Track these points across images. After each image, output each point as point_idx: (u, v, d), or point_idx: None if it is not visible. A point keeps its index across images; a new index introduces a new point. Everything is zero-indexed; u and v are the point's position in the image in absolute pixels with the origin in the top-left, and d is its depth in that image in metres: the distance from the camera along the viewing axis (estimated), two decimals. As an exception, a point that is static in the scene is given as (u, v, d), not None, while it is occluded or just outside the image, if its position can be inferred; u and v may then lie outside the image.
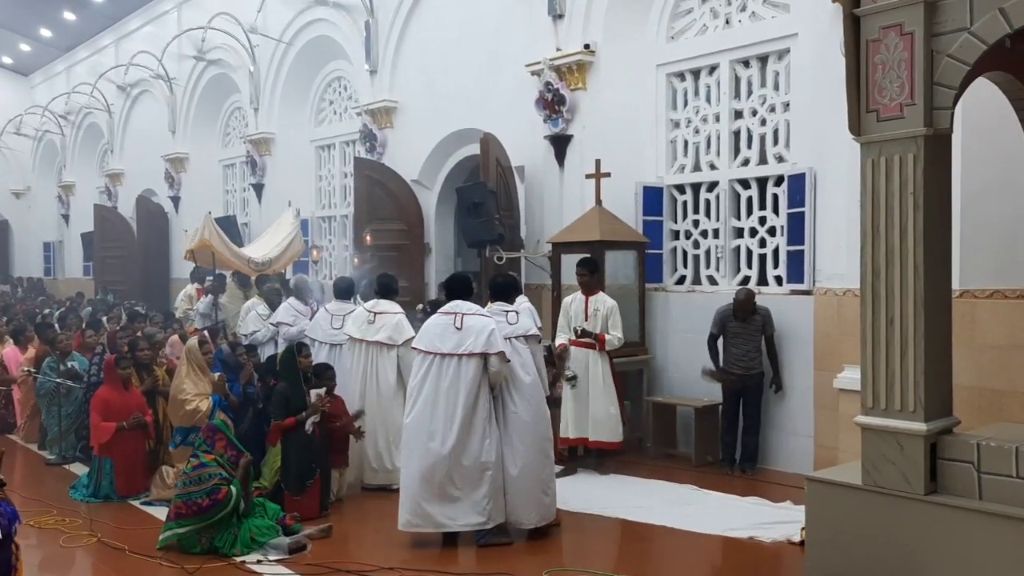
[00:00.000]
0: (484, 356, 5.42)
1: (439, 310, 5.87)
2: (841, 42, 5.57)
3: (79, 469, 7.56)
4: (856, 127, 4.32)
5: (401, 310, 7.09)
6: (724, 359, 7.45)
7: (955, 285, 4.70)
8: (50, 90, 21.67)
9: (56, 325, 10.45)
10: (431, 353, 5.52)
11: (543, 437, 5.62)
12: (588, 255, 7.62)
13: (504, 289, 5.94)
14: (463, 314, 5.56)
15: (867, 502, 4.30)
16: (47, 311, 14.12)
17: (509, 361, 5.52)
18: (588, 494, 6.62)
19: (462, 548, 5.48)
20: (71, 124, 21.10)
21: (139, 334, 8.25)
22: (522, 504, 5.52)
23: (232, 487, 5.32)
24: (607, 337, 7.09)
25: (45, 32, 20.05)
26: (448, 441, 5.38)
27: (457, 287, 5.84)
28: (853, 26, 4.28)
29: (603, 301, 7.26)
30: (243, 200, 15.69)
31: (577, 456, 7.38)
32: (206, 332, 8.58)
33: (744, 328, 7.31)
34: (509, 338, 5.58)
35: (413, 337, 6.15)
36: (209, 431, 5.64)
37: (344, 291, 7.95)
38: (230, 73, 15.03)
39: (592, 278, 7.31)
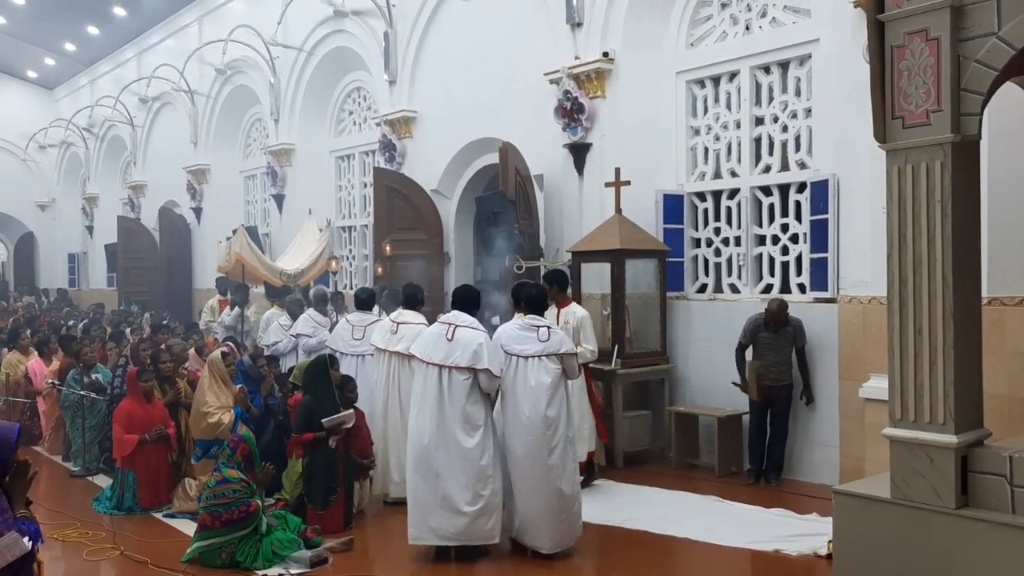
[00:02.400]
0: (473, 371, 5.38)
1: (439, 318, 5.88)
2: (864, 47, 5.53)
3: (103, 481, 7.60)
4: (881, 134, 4.26)
5: (424, 321, 7.01)
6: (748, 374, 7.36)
7: (983, 292, 4.60)
8: (74, 103, 21.96)
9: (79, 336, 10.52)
10: (425, 362, 5.53)
11: (551, 465, 5.36)
12: (557, 268, 7.46)
13: (538, 301, 5.70)
14: (456, 326, 5.54)
15: (896, 516, 4.22)
16: (71, 322, 14.25)
17: (499, 376, 5.42)
18: (610, 505, 6.56)
19: (482, 563, 5.44)
20: (95, 137, 21.36)
21: (163, 347, 8.27)
22: (535, 528, 5.42)
23: (259, 500, 5.32)
24: (578, 350, 6.43)
25: (69, 46, 20.32)
26: (444, 451, 5.36)
27: (463, 299, 5.80)
28: (877, 32, 4.23)
29: (573, 313, 7.01)
30: (264, 211, 15.78)
31: (596, 469, 7.31)
32: (230, 343, 8.62)
33: (775, 339, 7.22)
34: (539, 356, 5.40)
35: None
36: (238, 440, 5.63)
37: (365, 302, 7.94)
38: (251, 85, 15.14)
39: (553, 289, 6.88)
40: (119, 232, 17.97)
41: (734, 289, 8.31)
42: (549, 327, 5.52)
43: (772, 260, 8.05)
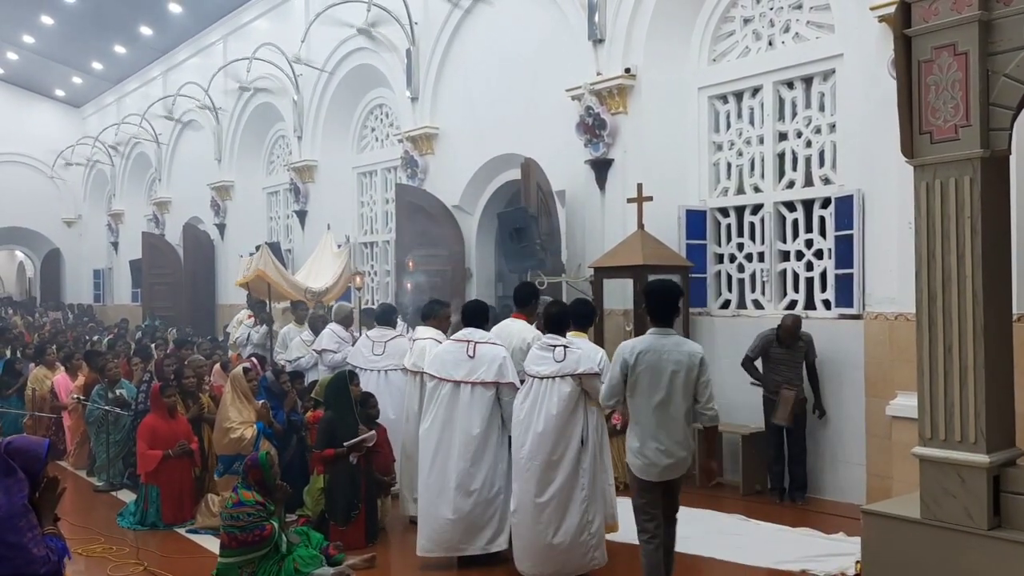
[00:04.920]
0: (496, 385, 5.46)
1: (452, 337, 5.88)
2: (890, 62, 5.50)
3: (127, 496, 7.63)
4: (909, 149, 4.21)
5: (433, 336, 6.77)
6: (765, 385, 7.30)
7: (1014, 309, 4.52)
8: (101, 121, 22.28)
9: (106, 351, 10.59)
10: (444, 380, 5.56)
11: (571, 486, 5.19)
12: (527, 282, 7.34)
13: (558, 321, 5.45)
14: (476, 342, 5.59)
15: (927, 536, 4.14)
16: (95, 338, 14.38)
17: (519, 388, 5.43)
18: (634, 524, 6.48)
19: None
20: (120, 154, 21.64)
21: (186, 362, 8.31)
22: (521, 551, 5.26)
23: (274, 522, 5.29)
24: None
25: (96, 65, 20.64)
26: (460, 466, 5.43)
27: (473, 314, 5.82)
28: (904, 47, 4.19)
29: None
30: (287, 227, 15.89)
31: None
32: (254, 359, 8.65)
33: (788, 354, 7.17)
34: (555, 377, 5.16)
35: None
36: (250, 465, 5.43)
37: (384, 317, 7.92)
38: (274, 102, 15.29)
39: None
40: (144, 248, 18.16)
41: (758, 305, 8.25)
42: (566, 346, 5.27)
43: (796, 276, 7.98)
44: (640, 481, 4.66)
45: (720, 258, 8.59)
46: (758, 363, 7.36)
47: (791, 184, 8.04)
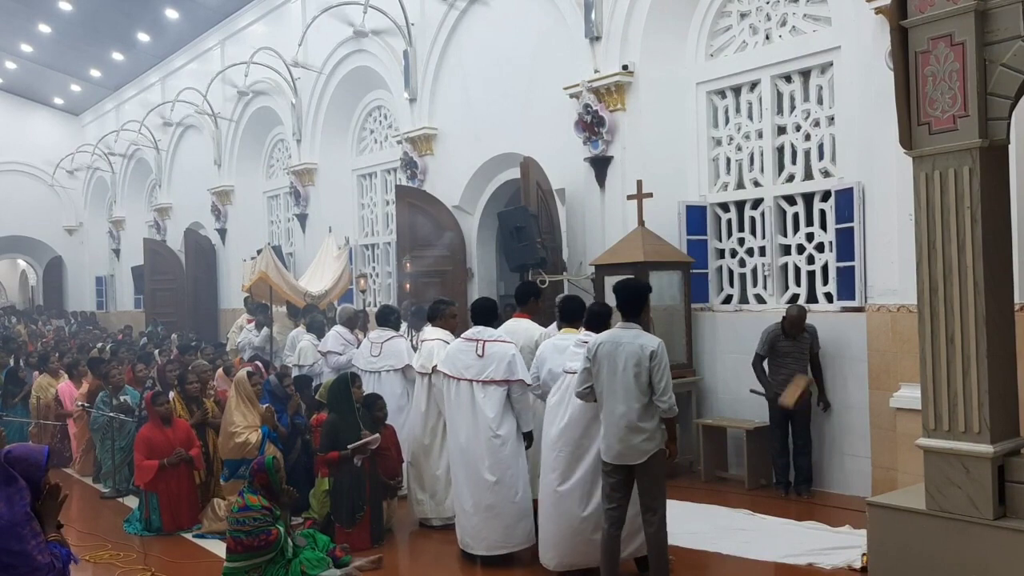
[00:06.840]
0: (507, 383, 5.54)
1: (462, 335, 5.92)
2: (887, 54, 5.49)
3: (133, 502, 7.62)
4: (907, 141, 4.21)
5: (439, 336, 6.72)
6: (771, 380, 7.29)
7: (1015, 298, 4.52)
8: (100, 128, 22.30)
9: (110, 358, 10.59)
10: (457, 378, 5.65)
11: (577, 483, 5.18)
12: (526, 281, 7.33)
13: (574, 315, 5.56)
14: (485, 341, 5.65)
15: (932, 527, 4.15)
16: (99, 344, 14.39)
17: (531, 386, 5.50)
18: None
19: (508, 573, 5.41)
20: (120, 161, 21.65)
21: (190, 367, 8.32)
22: (546, 544, 5.29)
23: (279, 526, 5.29)
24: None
25: (95, 72, 20.67)
26: (488, 463, 5.50)
27: (481, 312, 5.88)
28: (901, 38, 4.19)
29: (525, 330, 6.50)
30: (288, 230, 15.90)
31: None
32: (258, 363, 8.66)
33: (794, 347, 7.17)
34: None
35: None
36: (256, 469, 5.39)
37: (383, 318, 7.92)
38: (273, 106, 15.30)
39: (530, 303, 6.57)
40: (145, 254, 18.20)
41: (760, 300, 8.24)
42: (586, 342, 5.26)
43: (798, 270, 7.97)
44: (603, 463, 4.87)
45: (721, 253, 8.58)
46: (765, 362, 7.34)
47: (791, 178, 8.03)
